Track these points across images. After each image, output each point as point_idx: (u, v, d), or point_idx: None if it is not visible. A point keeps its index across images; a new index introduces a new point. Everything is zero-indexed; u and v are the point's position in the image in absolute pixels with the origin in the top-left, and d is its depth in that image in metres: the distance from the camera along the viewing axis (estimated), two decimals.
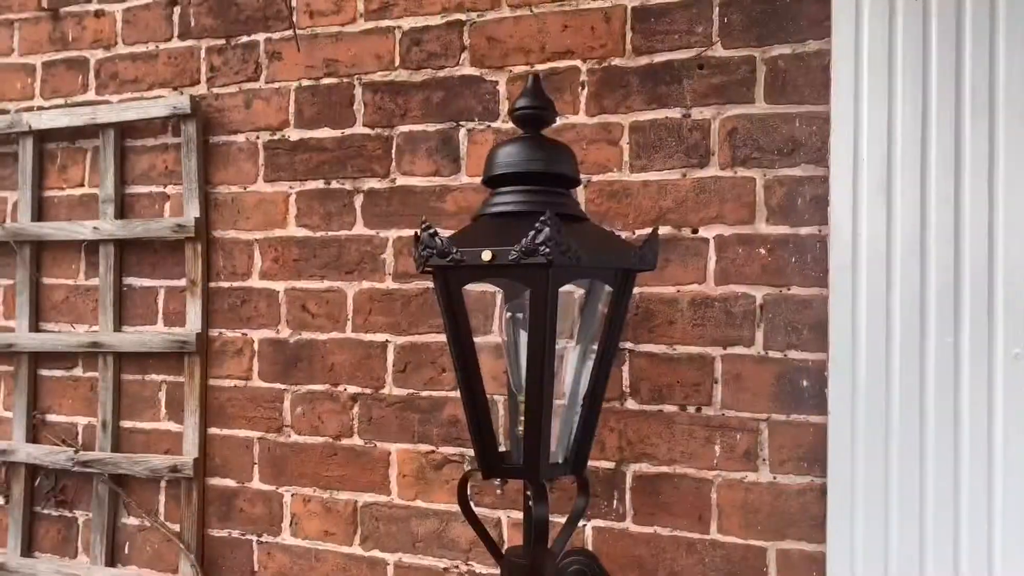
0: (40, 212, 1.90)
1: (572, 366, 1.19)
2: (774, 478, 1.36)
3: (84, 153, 1.86)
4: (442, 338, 1.53)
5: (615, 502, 1.45)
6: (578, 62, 1.50)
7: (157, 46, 1.80)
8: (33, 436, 1.86)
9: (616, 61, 1.47)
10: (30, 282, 1.87)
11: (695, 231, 1.42)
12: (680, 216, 1.43)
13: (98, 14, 1.86)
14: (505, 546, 1.50)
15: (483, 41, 1.56)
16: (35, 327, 1.88)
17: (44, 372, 1.88)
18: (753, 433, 1.38)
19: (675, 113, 1.44)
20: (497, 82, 1.55)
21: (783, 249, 1.37)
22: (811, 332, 1.35)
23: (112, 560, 1.78)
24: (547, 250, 1.01)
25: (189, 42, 1.77)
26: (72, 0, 1.88)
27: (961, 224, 1.25)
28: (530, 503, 1.14)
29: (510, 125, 1.53)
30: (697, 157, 1.42)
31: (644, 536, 1.43)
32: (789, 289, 1.37)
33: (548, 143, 1.19)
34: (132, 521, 1.78)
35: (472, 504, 1.51)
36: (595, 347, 1.20)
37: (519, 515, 1.50)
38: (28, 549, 1.86)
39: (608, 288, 1.18)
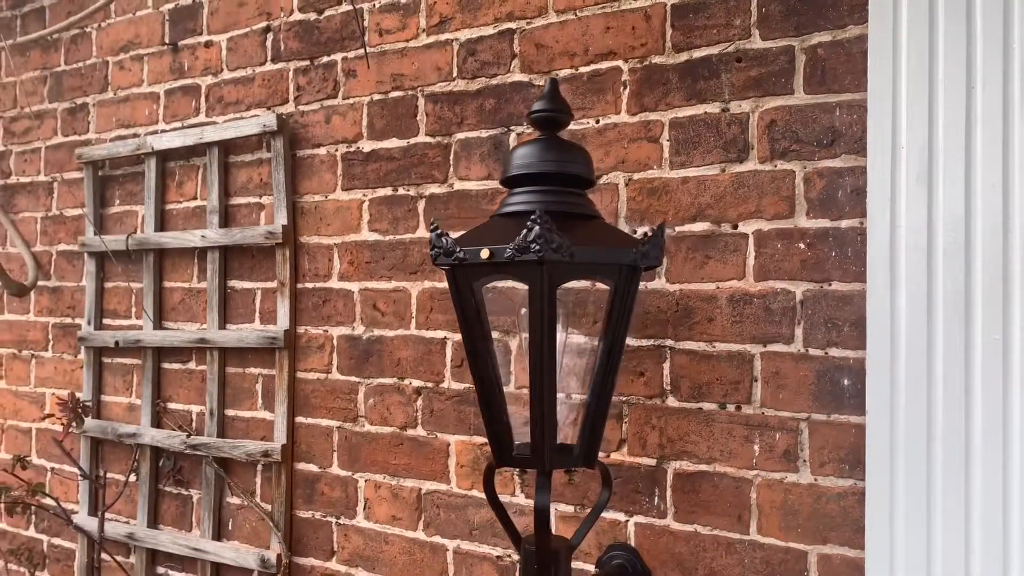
0: (162, 223, 2.14)
1: (585, 360, 1.22)
2: (815, 480, 1.32)
3: (197, 169, 2.09)
4: (493, 335, 1.59)
5: (656, 499, 1.45)
6: (620, 62, 1.52)
7: (254, 70, 1.99)
8: (157, 421, 2.10)
9: (656, 59, 1.48)
10: (154, 285, 2.12)
11: (735, 227, 1.40)
12: (719, 212, 1.42)
13: (207, 44, 2.08)
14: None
15: (531, 48, 1.61)
16: (158, 325, 2.12)
17: (166, 365, 2.12)
18: (793, 433, 1.34)
19: (714, 108, 1.43)
20: (544, 86, 1.59)
21: (823, 243, 1.33)
22: (852, 329, 1.29)
23: (218, 534, 1.99)
24: (537, 247, 1.05)
25: (280, 64, 1.95)
26: (188, 33, 2.12)
27: (1010, 212, 1.16)
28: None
29: None
30: (735, 151, 1.40)
31: (684, 534, 1.42)
32: (829, 284, 1.32)
33: (562, 144, 1.23)
34: (234, 500, 1.97)
35: (522, 494, 1.57)
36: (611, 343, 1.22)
37: (567, 508, 1.54)
38: (154, 521, 2.10)
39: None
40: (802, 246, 1.34)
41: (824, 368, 1.32)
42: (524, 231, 1.06)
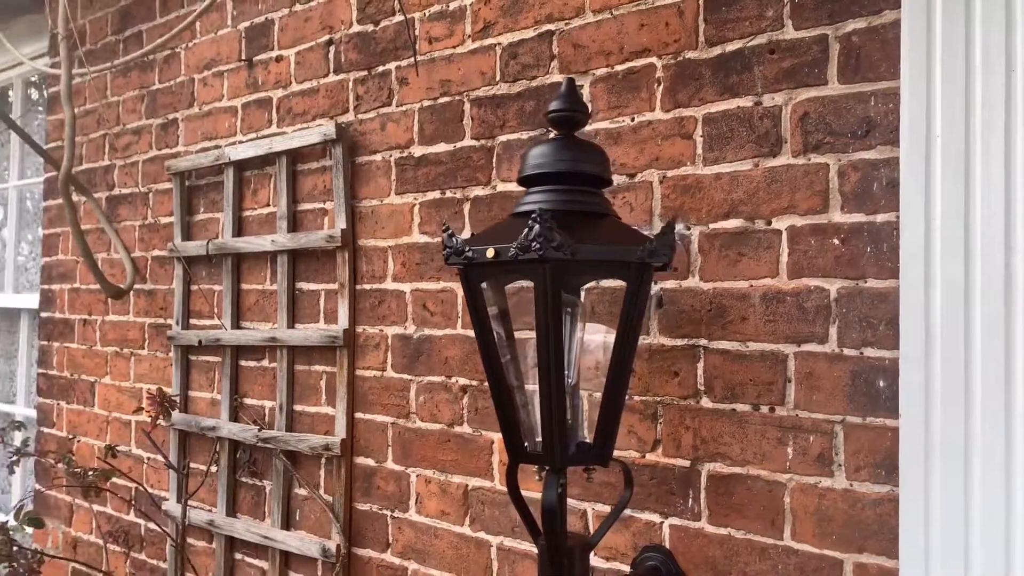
0: (240, 229, 2.27)
1: (599, 358, 1.22)
2: (850, 485, 1.26)
3: (269, 178, 2.21)
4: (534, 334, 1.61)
5: (690, 501, 1.43)
6: (654, 59, 1.50)
7: (318, 81, 2.09)
8: (234, 416, 2.23)
9: (690, 54, 1.46)
10: (232, 288, 2.25)
11: (768, 223, 1.36)
12: (752, 208, 1.38)
13: (278, 59, 2.20)
14: None
15: (569, 48, 1.62)
16: (236, 325, 2.25)
17: (242, 362, 2.25)
18: (827, 436, 1.29)
19: (747, 102, 1.39)
20: (582, 86, 1.60)
21: (857, 239, 1.27)
22: (888, 328, 1.24)
23: (287, 524, 2.09)
24: (538, 246, 1.07)
25: (341, 76, 2.03)
26: (261, 49, 2.24)
27: None
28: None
29: (593, 127, 1.57)
30: (768, 146, 1.37)
31: (718, 537, 1.40)
32: (864, 281, 1.26)
33: (577, 144, 1.24)
34: (301, 492, 2.07)
35: (566, 494, 1.57)
36: (635, 339, 1.22)
37: (603, 507, 1.53)
38: (232, 510, 2.24)
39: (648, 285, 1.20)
40: (836, 242, 1.29)
41: (859, 369, 1.26)
42: (526, 230, 1.08)
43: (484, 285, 1.29)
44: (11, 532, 1.77)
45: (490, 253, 1.12)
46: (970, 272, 1.13)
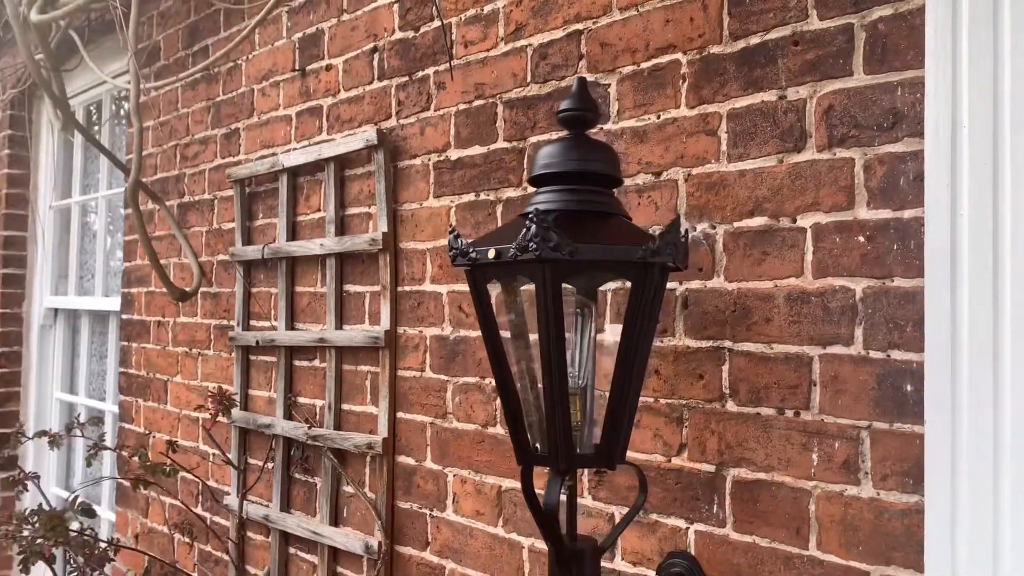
0: (294, 233, 2.35)
1: (608, 359, 1.21)
2: (877, 494, 1.21)
3: (320, 183, 2.27)
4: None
5: (715, 507, 1.39)
6: (679, 55, 1.48)
7: (363, 88, 2.14)
8: (288, 414, 2.31)
9: (714, 49, 1.43)
10: (286, 290, 2.33)
11: (793, 220, 1.32)
12: (776, 205, 1.34)
13: (328, 68, 2.26)
14: (619, 541, 1.52)
15: (597, 47, 1.61)
16: (290, 326, 2.33)
17: (296, 362, 2.32)
18: (853, 442, 1.24)
19: (771, 96, 1.35)
20: (609, 84, 1.58)
21: (883, 236, 1.21)
22: (915, 329, 1.17)
23: (336, 520, 2.14)
24: (534, 246, 1.07)
25: (384, 82, 2.08)
26: (313, 59, 2.31)
27: None
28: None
29: (620, 126, 1.56)
30: (792, 141, 1.32)
31: (743, 545, 1.35)
32: (891, 280, 1.21)
33: (586, 143, 1.23)
34: (348, 489, 2.12)
35: (589, 496, 1.57)
36: (642, 340, 1.20)
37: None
38: (287, 505, 2.31)
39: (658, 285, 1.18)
40: (862, 239, 1.24)
41: (885, 372, 1.20)
42: (523, 230, 1.08)
43: (499, 287, 1.29)
44: (67, 521, 1.89)
45: (491, 254, 1.12)
46: (999, 270, 1.07)
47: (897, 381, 1.19)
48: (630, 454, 1.50)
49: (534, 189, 1.25)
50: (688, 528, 1.43)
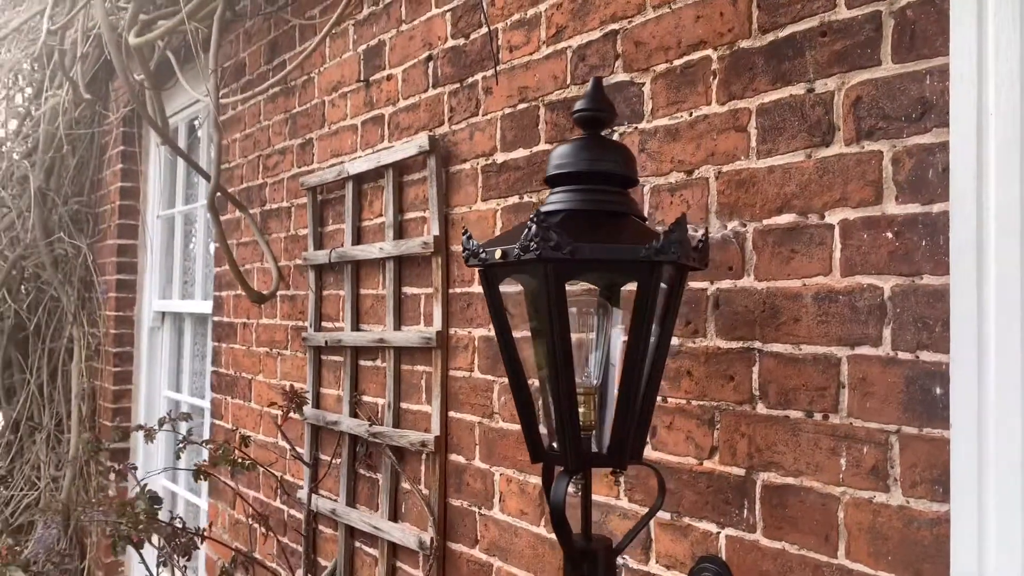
0: (359, 238, 2.44)
1: (618, 359, 1.20)
2: (906, 502, 1.15)
3: (381, 190, 2.35)
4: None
5: (745, 511, 1.36)
6: (709, 51, 1.45)
7: (419, 96, 2.20)
8: (353, 412, 2.39)
9: (743, 43, 1.40)
10: (352, 292, 2.42)
11: (821, 217, 1.27)
12: (804, 202, 1.30)
13: (388, 77, 2.33)
14: (653, 543, 1.51)
15: (631, 46, 1.60)
16: (355, 327, 2.42)
17: (361, 362, 2.40)
18: (882, 447, 1.18)
19: (799, 89, 1.31)
20: (643, 83, 1.57)
21: (912, 231, 1.16)
22: (944, 329, 1.11)
23: (395, 516, 2.21)
24: (535, 246, 1.08)
25: (438, 90, 2.13)
26: (376, 69, 2.39)
27: None
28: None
29: (653, 124, 1.55)
30: (820, 135, 1.28)
31: (773, 551, 1.32)
32: (920, 278, 1.15)
33: (600, 143, 1.23)
34: (406, 485, 2.18)
35: (625, 497, 1.56)
36: (652, 341, 1.19)
37: (663, 515, 1.49)
38: (352, 500, 2.39)
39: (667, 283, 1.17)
40: (889, 235, 1.18)
41: (914, 374, 1.15)
42: (526, 231, 1.09)
43: (519, 288, 1.31)
44: (136, 507, 2.03)
45: (497, 254, 1.14)
46: None
47: (926, 383, 1.13)
48: (663, 456, 1.49)
49: (550, 188, 1.27)
50: (719, 532, 1.40)
